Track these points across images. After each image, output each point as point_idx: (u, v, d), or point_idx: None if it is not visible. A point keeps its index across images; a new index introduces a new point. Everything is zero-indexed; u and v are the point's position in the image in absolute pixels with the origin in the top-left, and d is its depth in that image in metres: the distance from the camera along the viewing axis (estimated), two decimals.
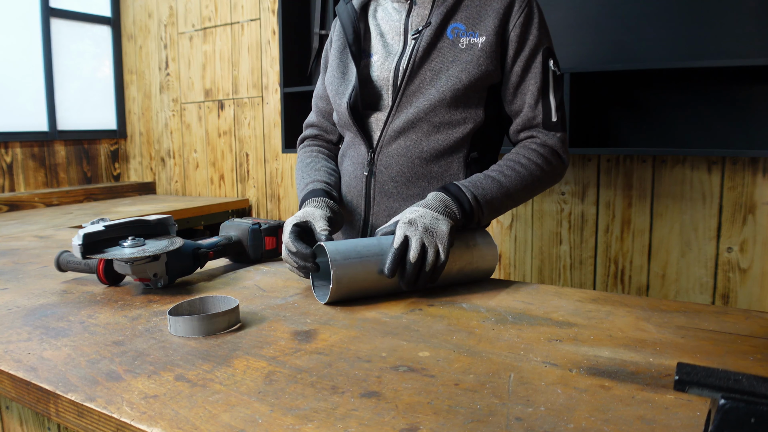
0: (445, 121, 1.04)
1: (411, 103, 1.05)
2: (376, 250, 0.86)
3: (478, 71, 1.02)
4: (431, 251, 0.86)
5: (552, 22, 1.88)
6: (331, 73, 1.15)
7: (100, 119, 3.15)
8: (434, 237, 0.88)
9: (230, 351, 0.67)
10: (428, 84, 1.04)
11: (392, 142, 1.07)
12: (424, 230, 0.87)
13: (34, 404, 0.60)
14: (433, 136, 1.05)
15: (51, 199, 2.65)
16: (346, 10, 1.13)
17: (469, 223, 0.97)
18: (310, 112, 1.31)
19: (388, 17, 1.12)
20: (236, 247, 1.09)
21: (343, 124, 1.14)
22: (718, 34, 1.67)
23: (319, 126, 1.28)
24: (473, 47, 1.03)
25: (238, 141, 2.81)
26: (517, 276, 2.10)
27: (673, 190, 1.80)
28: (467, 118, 1.05)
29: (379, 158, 1.08)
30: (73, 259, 0.99)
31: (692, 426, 0.49)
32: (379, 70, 1.08)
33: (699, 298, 1.79)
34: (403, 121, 1.06)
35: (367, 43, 1.12)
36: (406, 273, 0.85)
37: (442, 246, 0.88)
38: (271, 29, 2.62)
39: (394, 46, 1.09)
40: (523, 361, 0.63)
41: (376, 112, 1.10)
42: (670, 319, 0.77)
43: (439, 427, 0.49)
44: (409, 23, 1.08)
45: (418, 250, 0.85)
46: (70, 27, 2.96)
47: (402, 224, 0.88)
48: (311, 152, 1.24)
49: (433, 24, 1.04)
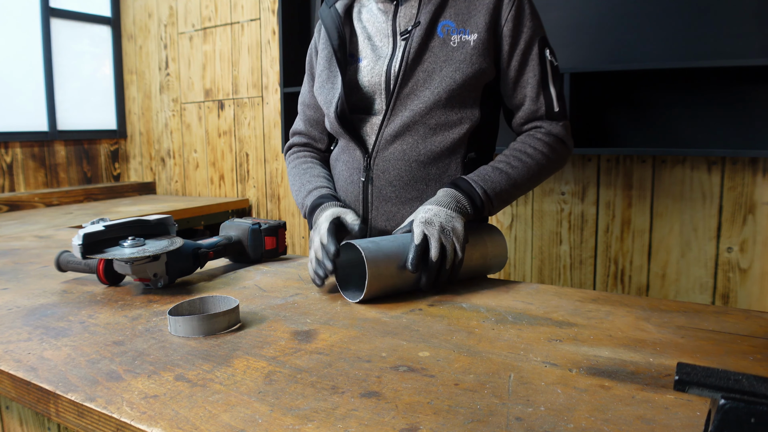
0: (441, 123, 1.03)
1: (406, 106, 1.03)
2: (397, 246, 0.87)
3: (471, 70, 1.01)
4: (449, 250, 0.88)
5: (552, 22, 1.88)
6: (321, 82, 1.13)
7: (100, 119, 3.15)
8: (451, 235, 0.89)
9: (230, 351, 0.67)
10: (422, 86, 1.02)
11: (388, 147, 1.06)
12: (441, 229, 0.89)
13: (34, 404, 0.60)
14: (429, 138, 1.04)
15: (51, 199, 2.65)
16: (330, 15, 1.09)
17: (479, 217, 0.99)
18: (296, 118, 1.29)
19: (374, 19, 1.09)
20: (236, 247, 1.09)
21: (335, 132, 1.13)
22: (718, 34, 1.67)
23: (306, 134, 1.25)
24: (465, 45, 1.01)
25: (238, 141, 2.81)
26: (517, 276, 2.10)
27: (673, 190, 1.80)
28: (463, 118, 1.04)
29: (375, 163, 1.07)
30: (73, 259, 0.99)
31: (692, 426, 0.49)
32: (370, 74, 1.06)
33: (699, 298, 1.79)
34: (398, 124, 1.04)
35: (354, 47, 1.10)
36: (428, 273, 0.86)
37: (459, 244, 0.90)
38: (271, 29, 2.62)
39: (383, 49, 1.07)
40: (523, 361, 0.63)
41: (370, 117, 1.08)
42: (670, 319, 0.77)
43: (439, 427, 0.49)
44: (397, 24, 1.06)
45: (439, 250, 0.87)
46: (70, 27, 2.96)
47: (419, 223, 0.89)
48: (305, 158, 1.22)
49: (422, 23, 1.02)
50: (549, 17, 1.89)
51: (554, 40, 1.89)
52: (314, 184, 1.12)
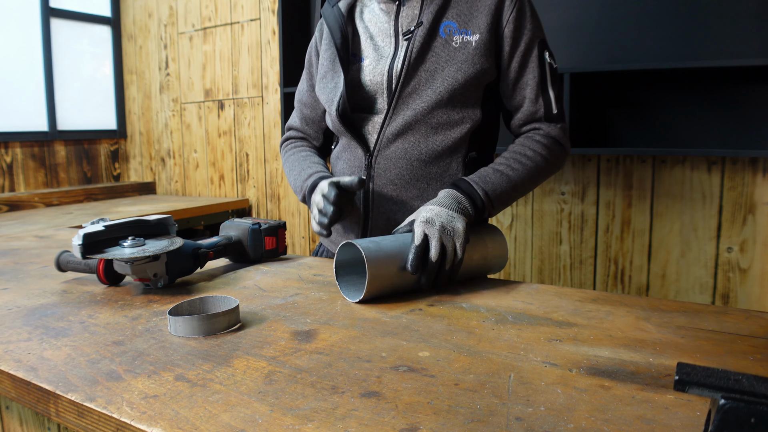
0: (443, 122, 1.04)
1: (408, 106, 1.04)
2: (397, 246, 0.87)
3: (473, 70, 1.02)
4: (449, 250, 0.88)
5: (552, 21, 1.88)
6: (323, 80, 1.14)
7: (100, 119, 3.15)
8: (452, 235, 0.89)
9: (230, 351, 0.67)
10: (424, 85, 1.03)
11: (390, 145, 1.06)
12: (442, 229, 0.89)
13: (34, 404, 0.60)
14: (431, 137, 1.05)
15: (51, 199, 2.65)
16: (333, 14, 1.11)
17: (479, 218, 0.99)
18: (293, 113, 1.30)
19: (376, 19, 1.10)
20: (236, 247, 1.09)
21: (336, 131, 1.14)
22: (718, 34, 1.67)
23: (302, 131, 1.28)
24: (467, 46, 1.02)
25: (238, 141, 2.81)
26: (517, 276, 2.10)
27: (673, 190, 1.80)
28: (465, 117, 1.05)
29: (377, 162, 1.07)
30: (73, 259, 0.99)
31: (692, 426, 0.49)
32: (372, 73, 1.07)
33: (699, 298, 1.79)
34: (400, 123, 1.05)
35: (357, 47, 1.11)
36: (427, 272, 0.86)
37: (459, 244, 0.90)
38: (271, 29, 2.62)
39: (385, 49, 1.08)
40: (523, 361, 0.63)
41: (372, 116, 1.09)
42: (670, 319, 0.77)
43: (439, 427, 0.49)
44: (399, 24, 1.07)
45: (439, 250, 0.87)
46: (70, 27, 2.96)
47: (420, 223, 0.89)
48: (303, 147, 1.24)
49: (425, 23, 1.03)
50: (549, 17, 1.89)
51: (554, 41, 1.89)
52: (315, 169, 1.13)
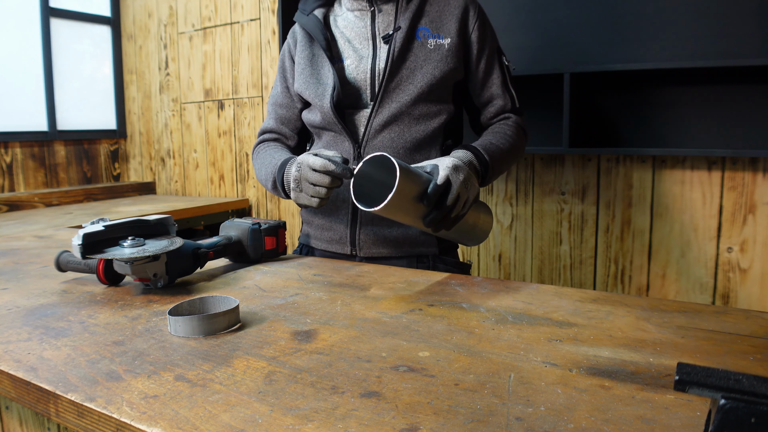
0: (423, 113, 1.16)
1: (393, 99, 1.15)
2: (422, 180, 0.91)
3: (447, 68, 1.16)
4: (461, 200, 0.97)
5: (552, 22, 1.89)
6: (305, 80, 1.21)
7: (100, 119, 3.15)
8: (468, 189, 0.98)
9: (230, 351, 0.67)
10: (406, 81, 1.15)
11: (377, 135, 1.16)
12: (464, 180, 0.97)
13: (34, 404, 0.60)
14: (414, 127, 1.16)
15: (51, 199, 2.65)
16: (312, 21, 1.22)
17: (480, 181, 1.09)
18: (266, 118, 1.36)
19: (352, 25, 1.21)
20: (236, 247, 1.09)
21: (327, 124, 1.20)
22: (718, 34, 1.67)
23: (277, 131, 1.33)
24: (441, 48, 1.16)
25: (238, 141, 2.81)
26: (517, 276, 2.10)
27: (674, 190, 1.80)
28: (442, 110, 1.18)
29: (365, 151, 1.16)
30: (73, 259, 0.99)
31: (692, 426, 0.49)
32: (355, 71, 1.18)
33: (699, 298, 1.79)
34: (386, 115, 1.15)
35: (336, 50, 1.21)
36: (437, 212, 0.93)
37: (471, 199, 0.99)
38: (271, 29, 2.62)
39: (363, 51, 1.19)
40: (523, 361, 0.63)
41: (357, 110, 1.18)
42: (670, 319, 0.77)
43: (439, 427, 0.49)
44: (376, 28, 1.19)
45: (455, 197, 0.94)
46: (70, 27, 2.96)
47: (447, 167, 0.96)
48: (276, 145, 1.30)
49: (403, 28, 1.15)
50: (550, 17, 1.90)
51: (554, 40, 1.89)
52: (287, 156, 1.18)
